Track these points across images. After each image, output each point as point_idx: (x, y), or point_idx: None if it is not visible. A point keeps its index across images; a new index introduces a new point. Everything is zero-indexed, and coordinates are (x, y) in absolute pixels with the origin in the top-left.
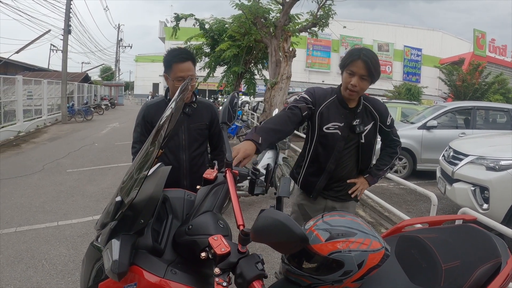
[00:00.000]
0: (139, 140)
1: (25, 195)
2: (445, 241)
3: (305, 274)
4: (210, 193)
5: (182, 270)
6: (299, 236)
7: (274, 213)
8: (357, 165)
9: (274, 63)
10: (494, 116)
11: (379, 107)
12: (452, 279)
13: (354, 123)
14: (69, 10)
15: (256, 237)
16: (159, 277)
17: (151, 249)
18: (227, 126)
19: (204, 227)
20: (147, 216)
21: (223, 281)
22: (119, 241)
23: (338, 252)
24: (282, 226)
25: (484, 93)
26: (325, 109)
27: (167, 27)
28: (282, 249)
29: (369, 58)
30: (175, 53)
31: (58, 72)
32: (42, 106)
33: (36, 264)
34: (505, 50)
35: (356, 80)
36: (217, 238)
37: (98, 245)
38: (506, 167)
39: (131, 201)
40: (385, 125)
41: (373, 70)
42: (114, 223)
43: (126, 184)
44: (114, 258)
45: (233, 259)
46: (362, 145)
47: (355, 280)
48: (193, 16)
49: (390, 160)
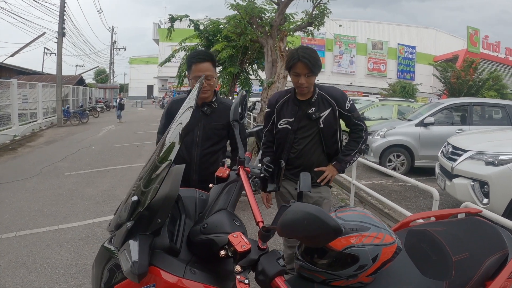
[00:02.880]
0: (161, 131)
1: (24, 199)
2: (453, 234)
3: (320, 270)
4: (224, 191)
5: (200, 269)
6: (334, 228)
7: (306, 207)
8: (323, 151)
9: (270, 62)
10: (490, 112)
11: (334, 93)
12: (463, 271)
13: (309, 111)
14: (63, 12)
15: (285, 231)
16: (178, 277)
17: (167, 249)
18: (238, 123)
19: (220, 225)
20: (164, 216)
21: (244, 278)
22: (137, 241)
23: (353, 247)
24: (315, 219)
25: (479, 89)
26: (279, 107)
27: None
28: (313, 242)
29: (307, 58)
30: (194, 54)
31: (52, 75)
32: (37, 110)
33: (38, 268)
34: (499, 46)
35: (302, 79)
36: (236, 236)
37: (109, 246)
38: (505, 161)
39: (151, 199)
40: (344, 110)
41: (313, 67)
42: (131, 223)
43: (142, 183)
44: (134, 259)
45: (254, 256)
46: (322, 130)
47: (369, 274)
48: (187, 17)
49: (356, 145)
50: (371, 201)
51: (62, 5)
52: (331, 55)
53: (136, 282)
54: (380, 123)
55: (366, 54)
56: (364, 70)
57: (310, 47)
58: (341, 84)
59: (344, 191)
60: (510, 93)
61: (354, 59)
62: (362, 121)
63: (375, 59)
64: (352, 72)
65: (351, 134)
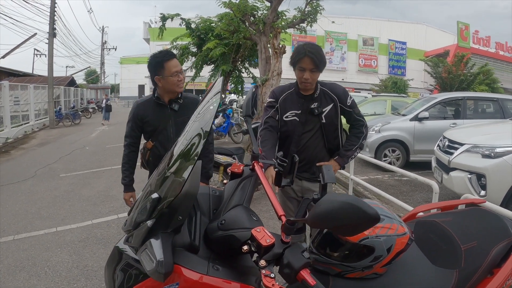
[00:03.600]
0: (129, 134)
1: (20, 201)
2: (460, 223)
3: (335, 262)
4: (239, 187)
5: (222, 265)
6: (373, 216)
7: (341, 196)
8: (325, 146)
9: (264, 60)
10: (483, 106)
11: (336, 90)
12: (472, 259)
13: (312, 106)
14: (53, 13)
15: (319, 222)
16: (202, 274)
17: (188, 247)
18: (250, 118)
19: (238, 221)
20: (185, 213)
21: (270, 272)
22: (159, 239)
23: (368, 238)
24: (353, 208)
25: (470, 84)
26: (282, 101)
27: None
28: (349, 231)
29: (314, 53)
30: (162, 53)
31: (43, 76)
32: (29, 112)
33: (38, 272)
34: (489, 41)
35: (307, 74)
36: (260, 230)
37: (122, 247)
38: (502, 154)
39: (175, 197)
40: (345, 106)
41: (319, 63)
42: (152, 222)
43: (160, 180)
44: (159, 258)
45: (278, 249)
46: (324, 125)
47: (384, 265)
48: (179, 15)
49: (357, 140)
50: (368, 196)
51: (53, 5)
52: None
53: (161, 282)
54: (374, 118)
55: (357, 50)
56: (355, 67)
57: (315, 43)
58: (333, 80)
59: (342, 187)
60: (501, 87)
61: (345, 56)
62: (362, 117)
63: (366, 55)
64: (344, 68)
65: (352, 129)
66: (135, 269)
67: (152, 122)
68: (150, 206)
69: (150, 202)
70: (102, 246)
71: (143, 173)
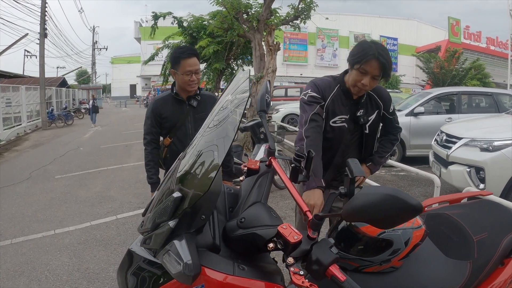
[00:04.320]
0: (149, 131)
1: (16, 204)
2: (470, 215)
3: (353, 257)
4: (256, 183)
5: (247, 265)
6: (417, 206)
7: (380, 188)
8: (360, 155)
9: (258, 57)
10: (478, 101)
11: (384, 95)
12: (484, 250)
13: (358, 114)
14: (44, 13)
15: (357, 216)
16: (228, 275)
17: (210, 247)
18: (265, 113)
19: (259, 218)
20: (208, 212)
21: (299, 269)
22: (183, 240)
23: (385, 232)
24: (396, 200)
25: (462, 79)
26: (330, 102)
27: (142, 27)
28: (389, 223)
29: (386, 59)
30: (182, 49)
31: (34, 78)
32: (21, 113)
33: (38, 276)
34: (480, 36)
35: (367, 80)
36: (286, 227)
37: (134, 249)
38: (500, 147)
39: (202, 195)
40: (388, 113)
41: (388, 71)
42: (175, 222)
43: (180, 178)
44: (186, 260)
45: (306, 246)
46: (366, 135)
47: (401, 258)
48: (171, 14)
49: (392, 146)
50: None
51: (43, 5)
52: (313, 49)
53: (188, 284)
54: None
55: (348, 47)
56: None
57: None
58: None
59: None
60: (492, 82)
61: (336, 52)
62: (399, 124)
63: None
64: (335, 65)
65: (387, 135)
66: (148, 272)
67: (171, 118)
68: (172, 205)
69: (172, 202)
70: (103, 248)
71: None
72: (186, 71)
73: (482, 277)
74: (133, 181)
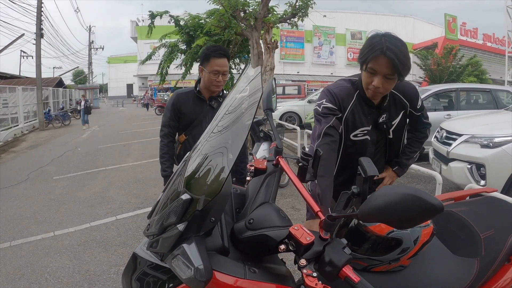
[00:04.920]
0: (167, 124)
1: (14, 206)
2: (476, 212)
3: (362, 257)
4: (264, 184)
5: (257, 267)
6: (437, 206)
7: (400, 188)
8: (385, 159)
9: (256, 55)
10: (477, 97)
11: (410, 92)
12: (491, 247)
13: (380, 120)
14: (40, 13)
15: (375, 216)
16: (240, 278)
17: (220, 250)
18: (271, 111)
19: (268, 219)
20: (218, 214)
21: (312, 271)
22: (193, 243)
23: (394, 231)
24: (416, 199)
25: (459, 75)
26: (350, 114)
27: (139, 26)
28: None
29: (395, 53)
30: (215, 48)
31: (30, 78)
32: (18, 114)
33: (39, 278)
34: (476, 32)
35: (378, 81)
36: (298, 228)
37: (138, 253)
38: (500, 143)
39: (213, 197)
40: (415, 110)
41: (401, 68)
42: (184, 225)
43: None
44: (197, 265)
45: (318, 247)
46: (390, 140)
47: (410, 256)
48: (168, 13)
49: (420, 145)
50: None
51: (39, 5)
52: (310, 47)
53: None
54: None
55: (345, 44)
56: (344, 61)
57: (399, 38)
58: (322, 75)
59: None
60: (489, 78)
61: (333, 50)
62: (428, 119)
63: (354, 49)
64: (332, 62)
65: (415, 132)
66: (153, 277)
67: (189, 115)
68: (181, 208)
69: (181, 204)
70: (103, 250)
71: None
72: (214, 70)
73: (490, 274)
74: (132, 181)
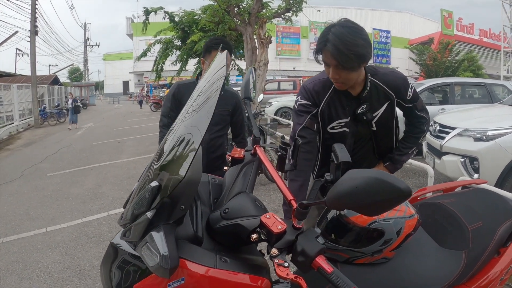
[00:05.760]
0: (167, 114)
1: (7, 203)
2: (464, 204)
3: (343, 248)
4: (241, 173)
5: (230, 257)
6: (405, 190)
7: (365, 172)
8: (374, 153)
9: (250, 50)
10: (471, 91)
11: (394, 81)
12: (479, 239)
13: (359, 111)
14: (34, 10)
15: (340, 203)
16: (209, 268)
17: (192, 238)
18: (249, 101)
19: (243, 209)
20: (188, 202)
21: (283, 261)
22: (161, 232)
23: (376, 222)
24: (382, 183)
25: (455, 70)
26: (325, 106)
27: (134, 23)
28: (376, 210)
29: (334, 44)
30: (216, 41)
31: (26, 76)
32: (13, 112)
33: (30, 274)
34: (472, 28)
35: (332, 72)
36: (269, 216)
37: (117, 242)
38: (493, 137)
39: (178, 184)
40: (405, 101)
41: (340, 59)
42: (152, 213)
43: (158, 168)
44: (163, 252)
45: (291, 236)
46: (375, 133)
47: (393, 248)
48: (162, 9)
49: (416, 141)
50: None
51: (33, 2)
52: (306, 42)
53: (166, 278)
54: None
55: None
56: None
57: (356, 24)
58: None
59: None
60: (485, 74)
61: None
62: (425, 111)
63: None
64: None
65: (410, 127)
66: (133, 266)
67: None
68: (149, 195)
69: (149, 191)
70: (94, 245)
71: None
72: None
73: (478, 267)
74: (125, 176)
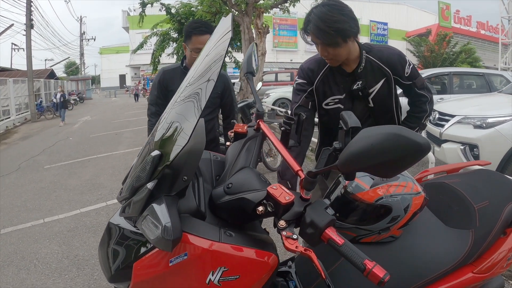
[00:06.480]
0: (155, 102)
1: (4, 195)
2: (469, 184)
3: (350, 227)
4: (244, 148)
5: (235, 232)
6: (424, 144)
7: (380, 128)
8: None
9: (247, 40)
10: (469, 81)
11: (389, 57)
12: (486, 218)
13: (354, 87)
14: (30, 3)
15: (353, 164)
16: (215, 242)
17: (194, 213)
18: (252, 75)
19: (247, 183)
20: (190, 173)
21: (292, 233)
22: (163, 203)
23: (383, 198)
24: (399, 138)
25: (453, 62)
26: (320, 83)
27: (130, 16)
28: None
29: (314, 23)
30: (196, 25)
31: (22, 71)
32: (9, 106)
33: (27, 265)
34: (470, 20)
35: (321, 50)
36: (276, 187)
37: (114, 221)
38: (493, 124)
39: (180, 151)
40: (402, 78)
41: (325, 37)
42: (153, 183)
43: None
44: (165, 223)
45: (299, 208)
46: (372, 110)
47: (401, 226)
48: (159, 1)
49: (418, 121)
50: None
51: None
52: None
53: (169, 251)
54: None
55: None
56: None
57: (338, 2)
58: None
59: None
60: (482, 66)
61: None
62: (426, 90)
63: None
64: None
65: (411, 107)
66: (133, 241)
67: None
68: (150, 165)
69: (150, 161)
70: (92, 235)
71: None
72: (195, 48)
73: (485, 246)
74: (123, 167)
